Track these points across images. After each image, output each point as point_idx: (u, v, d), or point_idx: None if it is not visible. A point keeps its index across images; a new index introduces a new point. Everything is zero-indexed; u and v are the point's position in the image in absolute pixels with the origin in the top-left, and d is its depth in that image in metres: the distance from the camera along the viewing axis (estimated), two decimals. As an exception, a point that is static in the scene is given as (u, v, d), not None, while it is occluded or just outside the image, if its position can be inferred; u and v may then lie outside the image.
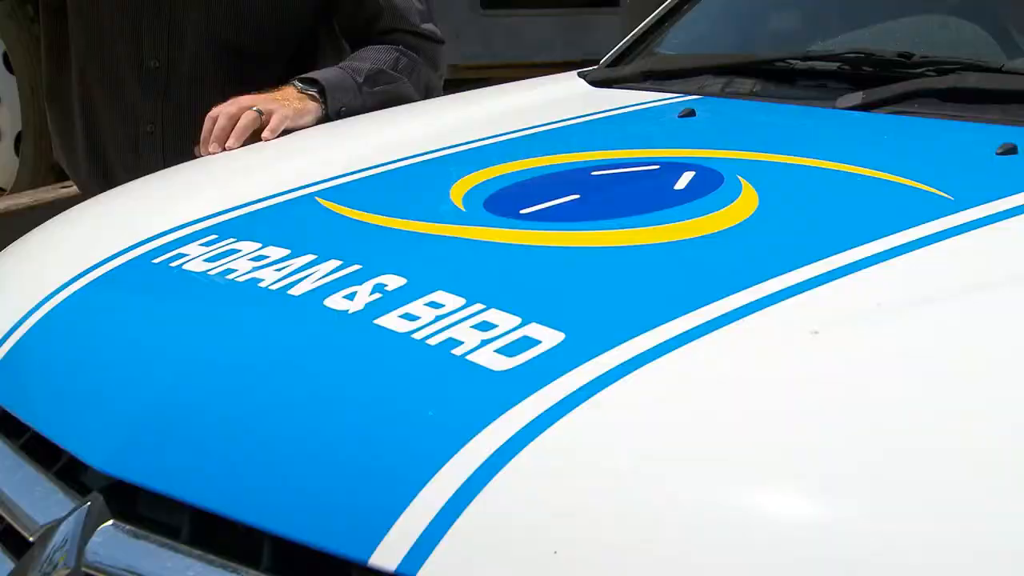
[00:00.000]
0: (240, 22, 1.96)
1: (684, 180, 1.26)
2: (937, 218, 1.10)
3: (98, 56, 1.98)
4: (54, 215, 1.60)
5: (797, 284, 1.00)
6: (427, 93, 2.01)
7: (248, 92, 1.84)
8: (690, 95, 1.60)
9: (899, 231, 1.07)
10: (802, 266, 1.02)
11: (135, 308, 1.22)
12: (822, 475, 0.83)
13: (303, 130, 1.81)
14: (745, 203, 1.18)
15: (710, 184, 1.23)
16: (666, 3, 1.92)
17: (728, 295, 0.99)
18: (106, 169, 2.03)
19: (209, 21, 1.95)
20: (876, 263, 1.03)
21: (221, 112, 1.79)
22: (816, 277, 1.01)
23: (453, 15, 4.17)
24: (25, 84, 4.44)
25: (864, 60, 1.53)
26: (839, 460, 0.83)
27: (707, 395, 0.91)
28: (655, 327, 0.97)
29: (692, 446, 0.87)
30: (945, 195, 1.16)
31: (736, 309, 0.97)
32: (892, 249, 1.04)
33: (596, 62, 1.95)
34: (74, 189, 2.23)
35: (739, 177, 1.24)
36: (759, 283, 1.00)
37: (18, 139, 4.54)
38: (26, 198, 3.76)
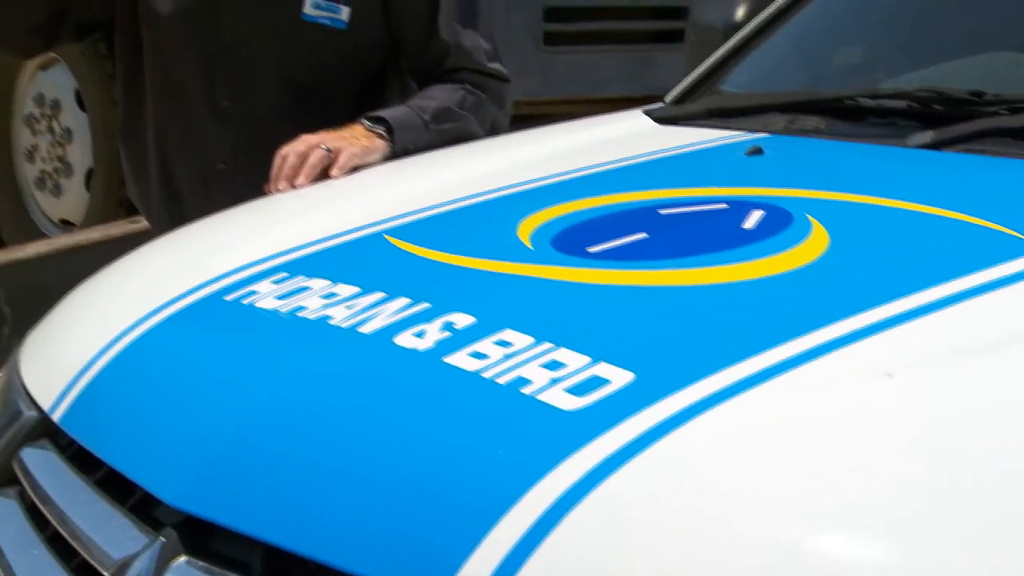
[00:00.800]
0: (311, 62, 1.98)
1: (753, 219, 1.26)
2: (1012, 259, 1.08)
3: (172, 96, 2.02)
4: (124, 250, 1.63)
5: (870, 325, 0.99)
6: (493, 131, 2.03)
7: (317, 130, 1.86)
8: (757, 133, 1.60)
9: (973, 272, 1.06)
10: (875, 307, 1.01)
11: (208, 345, 1.24)
12: (895, 521, 0.82)
13: (371, 168, 1.83)
14: (815, 242, 1.17)
15: (779, 223, 1.23)
16: (730, 41, 1.92)
17: (799, 336, 0.99)
18: (178, 206, 2.06)
19: (281, 61, 1.98)
20: (950, 305, 1.02)
21: (291, 150, 1.82)
22: (890, 319, 1.00)
23: (515, 51, 4.19)
24: (97, 121, 4.53)
25: (935, 98, 1.52)
26: (914, 506, 0.82)
27: (779, 437, 0.90)
28: (726, 368, 0.97)
29: (763, 489, 0.86)
30: (1019, 235, 1.15)
31: (808, 350, 0.97)
32: (967, 291, 1.03)
33: (659, 98, 1.95)
34: (143, 224, 2.27)
35: (808, 216, 1.24)
36: (831, 324, 1.00)
37: (89, 175, 4.62)
38: (96, 233, 3.82)
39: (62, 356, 1.32)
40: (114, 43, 2.10)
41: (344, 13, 1.98)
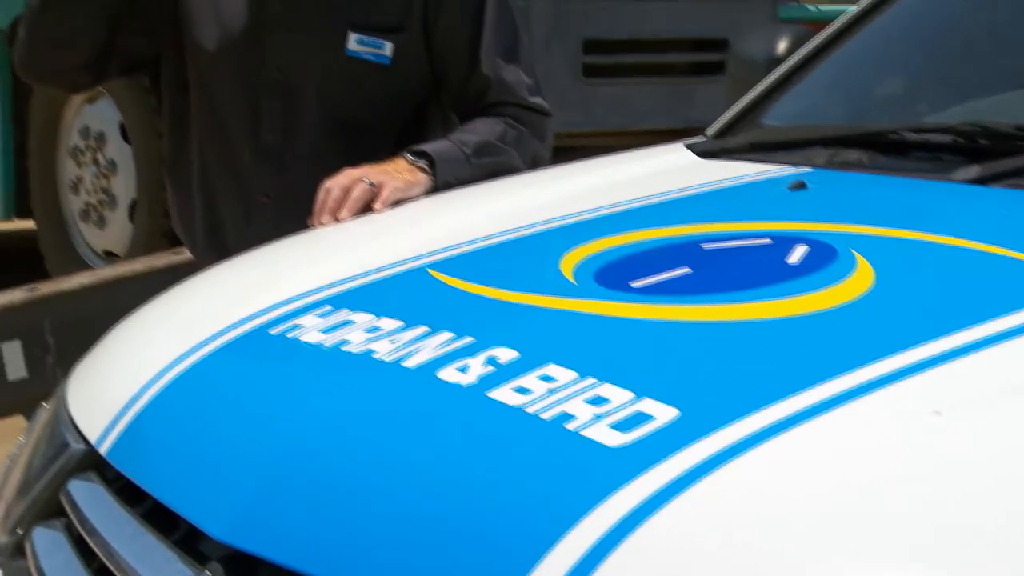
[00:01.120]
0: (354, 97, 2.00)
1: (797, 254, 1.26)
2: (1061, 296, 1.07)
3: (217, 130, 2.04)
4: (167, 281, 1.64)
5: (917, 363, 0.98)
6: (534, 164, 2.03)
7: (360, 164, 1.88)
8: (799, 167, 1.59)
9: (1022, 309, 1.05)
10: (922, 344, 1.01)
11: (253, 379, 1.25)
12: (944, 561, 0.81)
13: (413, 201, 1.84)
14: (860, 278, 1.17)
15: (824, 259, 1.23)
16: (772, 74, 1.92)
17: (846, 373, 0.98)
18: (221, 239, 2.08)
19: (324, 96, 2.00)
20: (999, 342, 1.01)
21: (334, 184, 1.83)
22: (937, 356, 0.99)
23: (555, 84, 4.21)
24: (141, 153, 4.58)
25: (980, 132, 1.51)
26: (962, 547, 0.81)
27: (825, 475, 0.90)
28: (771, 404, 0.96)
29: (808, 528, 0.86)
30: (1068, 271, 1.14)
31: (854, 387, 0.96)
32: (1016, 328, 1.02)
33: (699, 130, 1.95)
34: (187, 256, 2.29)
35: (853, 251, 1.23)
36: (878, 361, 0.99)
37: (133, 206, 4.67)
38: (140, 264, 3.85)
39: (109, 389, 1.33)
40: (160, 77, 2.12)
41: (387, 49, 2.00)
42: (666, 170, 1.75)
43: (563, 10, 4.41)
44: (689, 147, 1.84)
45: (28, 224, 5.14)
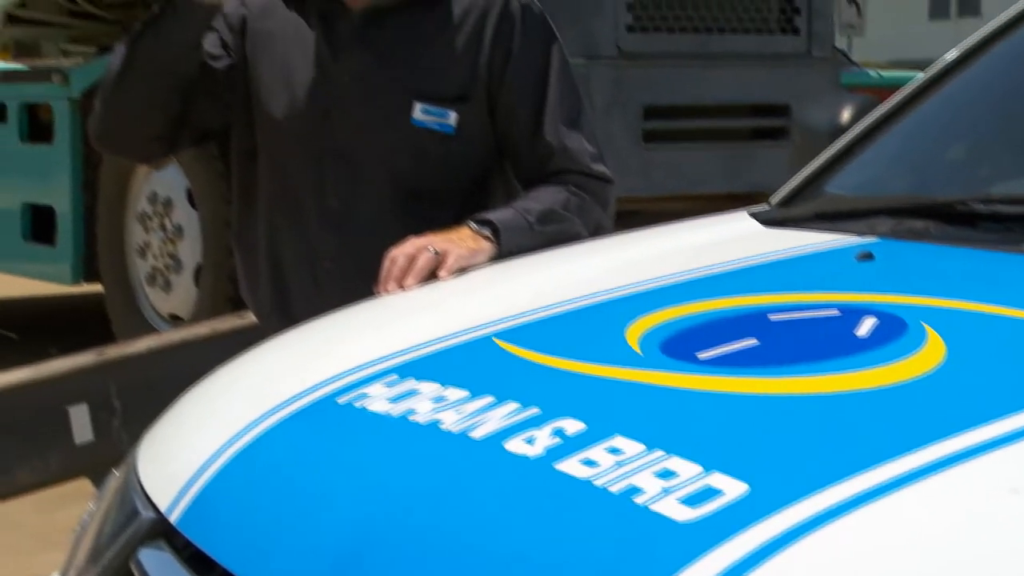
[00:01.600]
0: (419, 165, 2.03)
1: (866, 326, 1.25)
2: None
3: (283, 196, 2.08)
4: (232, 345, 1.66)
5: (993, 439, 0.97)
6: (597, 232, 2.04)
7: (424, 231, 1.90)
8: (866, 237, 1.59)
9: (1098, 384, 1.04)
10: (997, 420, 0.99)
11: (322, 450, 1.25)
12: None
13: (478, 269, 1.85)
14: (932, 352, 1.15)
15: (893, 331, 1.22)
16: (837, 143, 1.92)
17: (919, 449, 0.97)
18: (288, 306, 2.10)
19: (389, 164, 2.02)
20: (1076, 418, 0.99)
21: (399, 252, 1.85)
22: (1013, 433, 0.98)
23: (615, 149, 4.23)
24: (207, 218, 4.65)
25: (1051, 203, 1.50)
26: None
27: (900, 554, 0.88)
28: (842, 481, 0.95)
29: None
30: None
31: (928, 464, 0.95)
32: (1093, 404, 1.01)
33: (760, 195, 1.95)
34: (251, 319, 2.32)
35: (924, 324, 1.22)
36: (951, 437, 0.98)
37: (198, 271, 4.73)
38: (204, 328, 3.90)
39: (178, 457, 1.34)
40: (228, 146, 2.16)
41: (452, 118, 2.02)
42: (731, 238, 1.75)
43: (623, 76, 4.44)
44: (753, 215, 1.84)
45: (96, 288, 5.23)
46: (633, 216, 3.70)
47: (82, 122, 5.00)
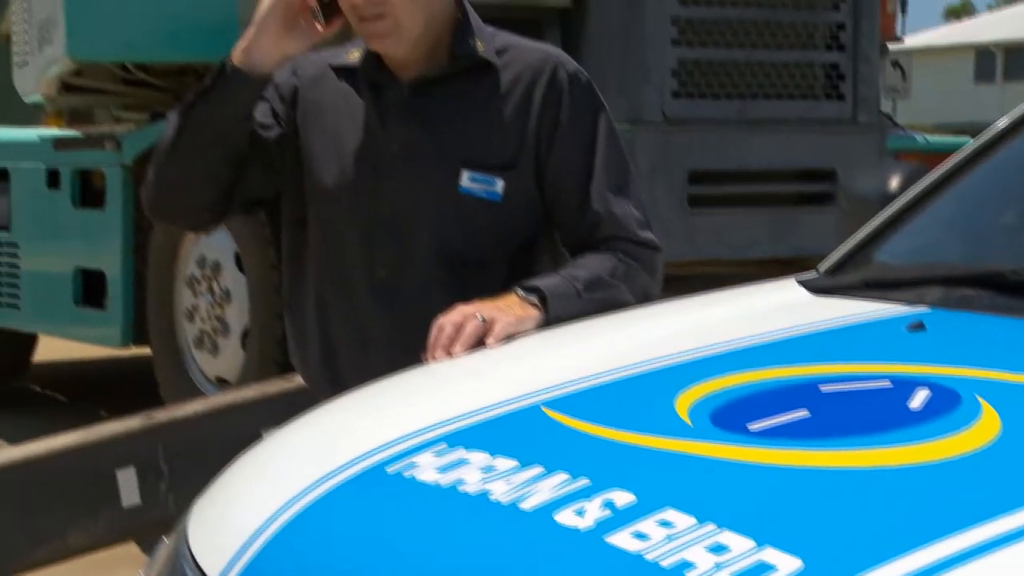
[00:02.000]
0: (466, 233, 2.04)
1: (918, 399, 1.24)
2: None
3: (333, 264, 2.09)
4: (279, 407, 1.67)
5: (1051, 517, 0.96)
6: (644, 299, 2.04)
7: (472, 299, 1.90)
8: (917, 306, 1.58)
9: None
10: (1055, 496, 0.98)
11: (372, 520, 1.25)
12: None
13: (525, 337, 1.85)
14: (987, 426, 1.14)
15: (947, 404, 1.20)
16: (886, 210, 1.91)
17: (975, 525, 0.96)
18: (337, 372, 2.11)
19: (437, 232, 2.04)
20: None
21: (447, 320, 1.86)
22: (1072, 510, 0.96)
23: (660, 213, 4.24)
24: (254, 282, 4.69)
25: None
26: None
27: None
28: (897, 558, 0.94)
29: None
30: None
31: (985, 542, 0.94)
32: None
33: (805, 259, 1.95)
34: (298, 382, 2.33)
35: (978, 397, 1.21)
36: (1009, 514, 0.96)
37: (245, 334, 4.77)
38: (252, 391, 3.92)
39: (229, 525, 1.35)
40: (277, 214, 2.19)
41: (499, 186, 2.04)
42: (779, 307, 1.75)
43: (668, 141, 4.46)
44: (802, 283, 1.84)
45: (145, 351, 5.27)
46: (679, 280, 3.70)
47: (134, 188, 5.07)
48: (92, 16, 4.97)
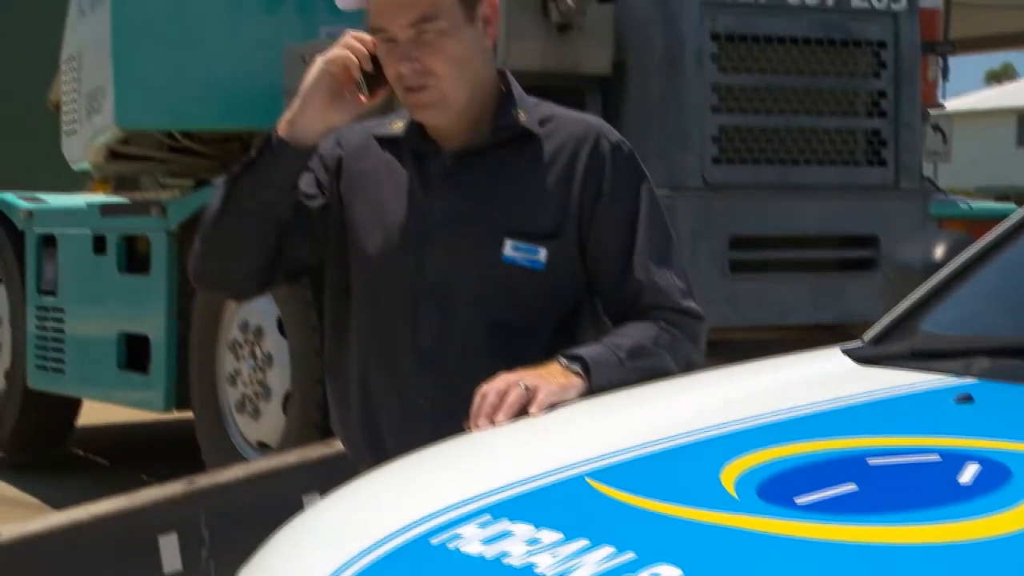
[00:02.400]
0: (509, 301, 2.05)
1: (968, 473, 1.22)
2: None
3: (376, 332, 2.10)
4: (319, 473, 1.67)
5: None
6: (688, 368, 2.03)
7: (515, 367, 1.91)
8: (964, 378, 1.56)
9: None
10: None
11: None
12: None
13: (568, 406, 1.85)
14: (1039, 501, 1.13)
15: (997, 479, 1.19)
16: (931, 280, 1.90)
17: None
18: (379, 440, 2.11)
19: (480, 300, 2.05)
20: None
21: (490, 388, 1.86)
22: None
23: (701, 279, 4.23)
24: (296, 346, 4.72)
25: None
26: None
27: None
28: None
29: None
30: None
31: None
32: None
33: (848, 325, 1.93)
34: (339, 447, 2.33)
35: (1029, 471, 1.20)
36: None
37: (286, 398, 4.78)
38: (292, 456, 3.93)
39: (273, 597, 1.34)
40: (321, 282, 2.20)
41: (542, 254, 2.04)
42: (824, 377, 1.74)
43: (709, 206, 4.46)
44: (846, 352, 1.82)
45: (186, 415, 5.30)
46: (720, 345, 3.68)
47: (178, 253, 5.13)
48: (141, 86, 5.06)
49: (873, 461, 1.33)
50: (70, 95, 5.91)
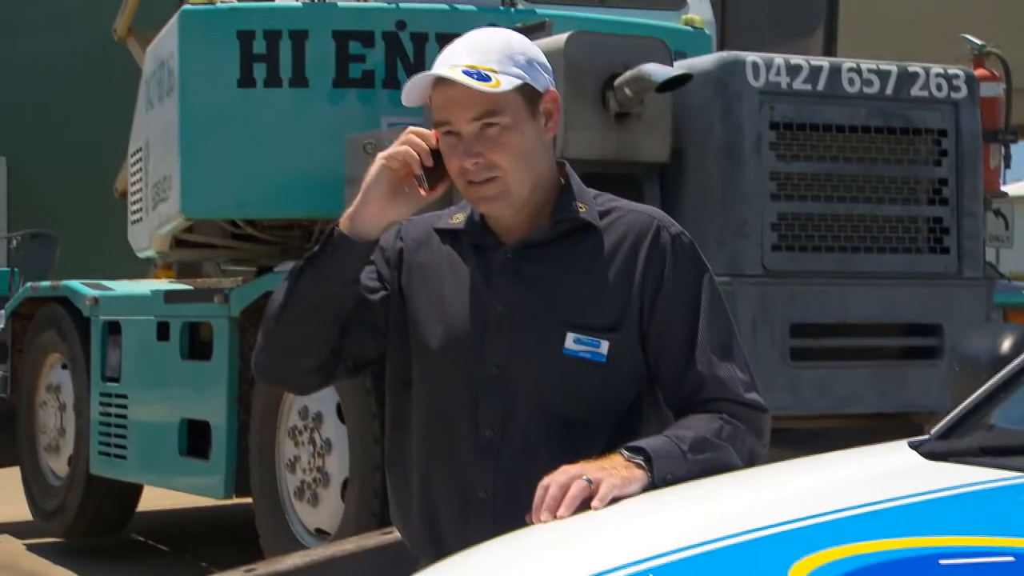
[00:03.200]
0: (571, 394, 2.04)
1: (1045, 575, 1.19)
2: None
3: (437, 425, 2.10)
4: (377, 561, 1.65)
5: None
6: (751, 461, 2.01)
7: (576, 460, 1.90)
8: (1038, 475, 1.53)
9: None
10: None
11: None
12: None
13: (631, 498, 1.83)
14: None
15: (1075, 582, 1.16)
16: (1000, 374, 1.88)
17: None
18: (438, 532, 2.10)
19: (542, 393, 2.05)
20: None
21: (552, 481, 1.85)
22: None
23: (762, 367, 4.20)
24: (355, 432, 4.73)
25: None
26: None
27: None
28: None
29: None
30: None
31: None
32: None
33: (911, 414, 1.91)
34: (396, 536, 2.32)
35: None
36: None
37: (345, 485, 4.78)
38: (350, 544, 3.92)
39: None
40: (382, 373, 2.21)
41: (603, 347, 2.04)
42: (892, 472, 1.71)
43: (769, 294, 4.44)
44: (914, 447, 1.80)
45: (245, 501, 5.31)
46: (781, 433, 3.63)
47: (240, 339, 5.18)
48: (206, 176, 5.16)
49: (945, 562, 1.30)
50: (137, 185, 6.03)
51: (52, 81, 14.12)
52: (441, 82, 2.00)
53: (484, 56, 2.00)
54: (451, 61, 2.01)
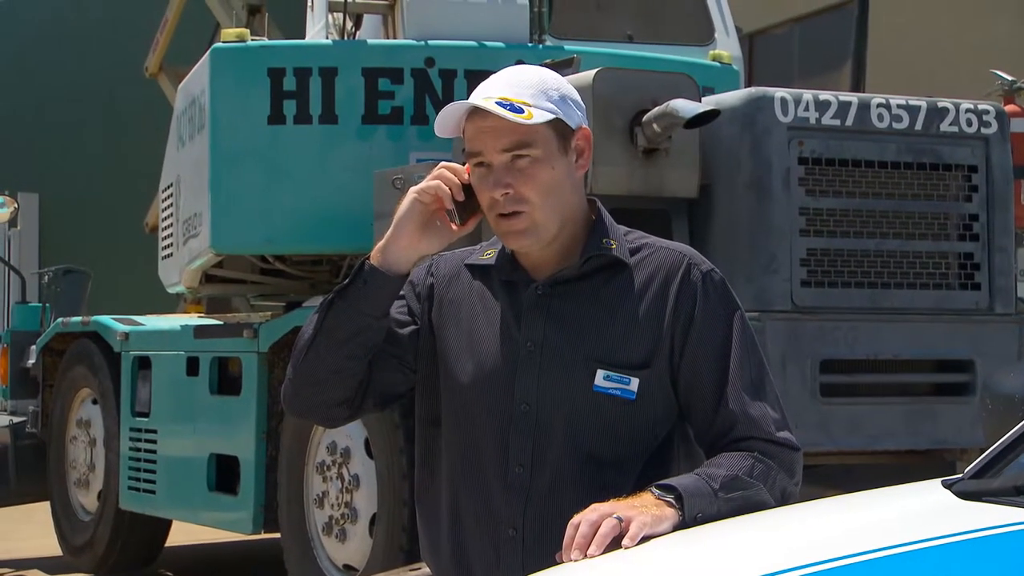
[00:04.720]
0: (601, 431, 2.04)
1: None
2: None
3: (467, 462, 2.10)
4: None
5: None
6: (783, 500, 2.00)
7: (606, 498, 1.89)
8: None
9: None
10: None
11: None
12: None
13: (662, 537, 1.82)
14: None
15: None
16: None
17: None
18: (468, 568, 2.09)
19: (571, 430, 2.04)
20: None
21: (582, 519, 1.84)
22: None
23: (792, 403, 4.17)
24: (383, 467, 4.72)
25: None
26: None
27: None
28: None
29: None
30: None
31: None
32: None
33: (942, 451, 1.89)
34: (424, 571, 2.31)
35: None
36: None
37: (372, 520, 4.77)
38: (379, 581, 3.90)
39: None
40: (411, 405, 2.21)
41: (633, 384, 2.04)
42: (926, 512, 1.69)
43: (799, 330, 4.42)
44: (947, 486, 1.78)
45: (275, 536, 5.30)
46: (811, 469, 3.59)
47: (268, 375, 5.19)
48: (236, 212, 5.19)
49: (981, 604, 1.28)
50: (167, 220, 6.07)
51: (84, 118, 14.29)
52: (474, 113, 2.01)
53: (518, 90, 2.01)
54: (485, 93, 2.02)
